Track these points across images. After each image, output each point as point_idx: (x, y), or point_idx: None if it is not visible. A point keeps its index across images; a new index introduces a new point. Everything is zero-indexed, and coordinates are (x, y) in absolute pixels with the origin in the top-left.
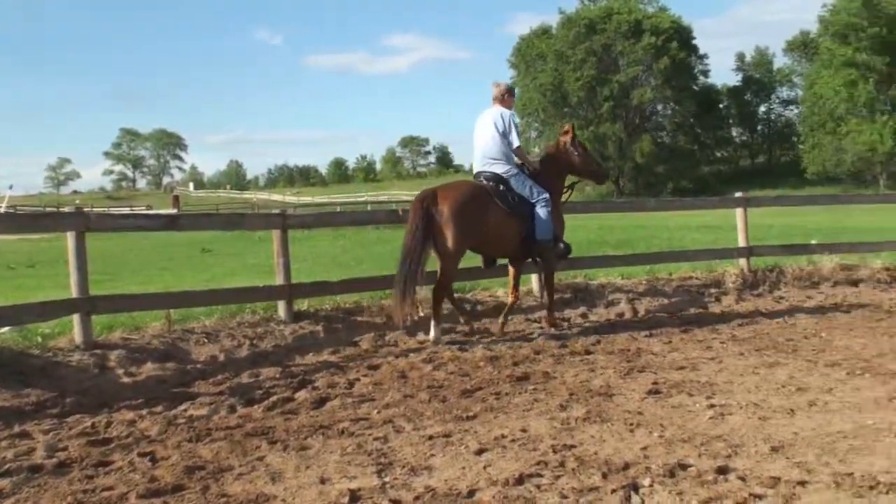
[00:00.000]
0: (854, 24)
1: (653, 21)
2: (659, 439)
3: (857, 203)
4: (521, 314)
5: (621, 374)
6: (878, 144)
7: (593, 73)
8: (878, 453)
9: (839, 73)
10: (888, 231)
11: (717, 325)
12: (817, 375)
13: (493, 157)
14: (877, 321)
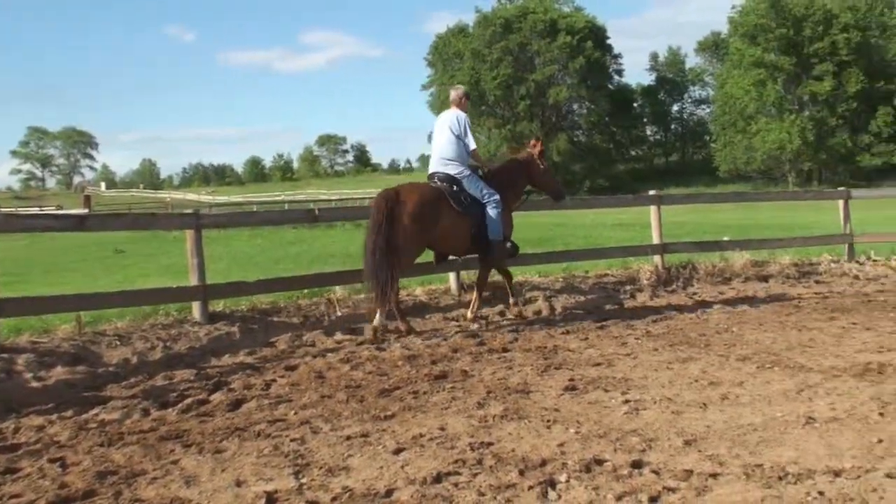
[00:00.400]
0: (762, 25)
1: (568, 21)
2: (575, 435)
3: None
4: (438, 312)
5: (538, 371)
6: (787, 143)
7: (510, 72)
8: (786, 445)
9: (749, 73)
10: (796, 227)
11: (632, 321)
12: (729, 369)
13: (449, 158)
14: (786, 315)
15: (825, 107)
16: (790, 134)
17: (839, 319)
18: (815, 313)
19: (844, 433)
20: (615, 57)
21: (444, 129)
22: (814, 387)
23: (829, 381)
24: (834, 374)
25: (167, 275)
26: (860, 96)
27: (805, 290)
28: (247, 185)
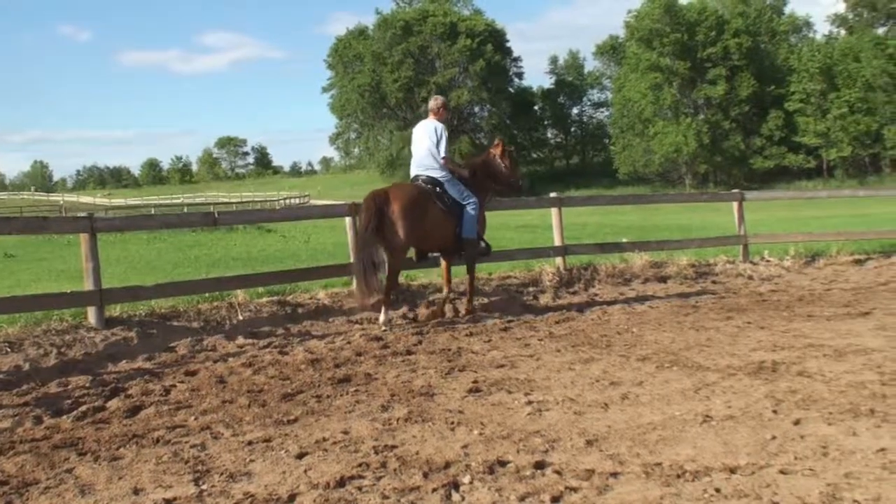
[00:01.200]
0: (657, 29)
1: (468, 24)
2: (479, 437)
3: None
4: (342, 315)
5: (442, 373)
6: (683, 145)
7: (411, 75)
8: (684, 443)
9: (645, 77)
10: (694, 229)
11: (535, 322)
12: (629, 370)
13: (429, 164)
14: (684, 316)
15: (719, 110)
16: (686, 137)
17: (735, 319)
18: (711, 313)
19: (740, 430)
20: (515, 60)
21: (424, 138)
22: (711, 385)
23: (726, 379)
24: (730, 372)
25: (61, 279)
26: (752, 100)
27: (702, 290)
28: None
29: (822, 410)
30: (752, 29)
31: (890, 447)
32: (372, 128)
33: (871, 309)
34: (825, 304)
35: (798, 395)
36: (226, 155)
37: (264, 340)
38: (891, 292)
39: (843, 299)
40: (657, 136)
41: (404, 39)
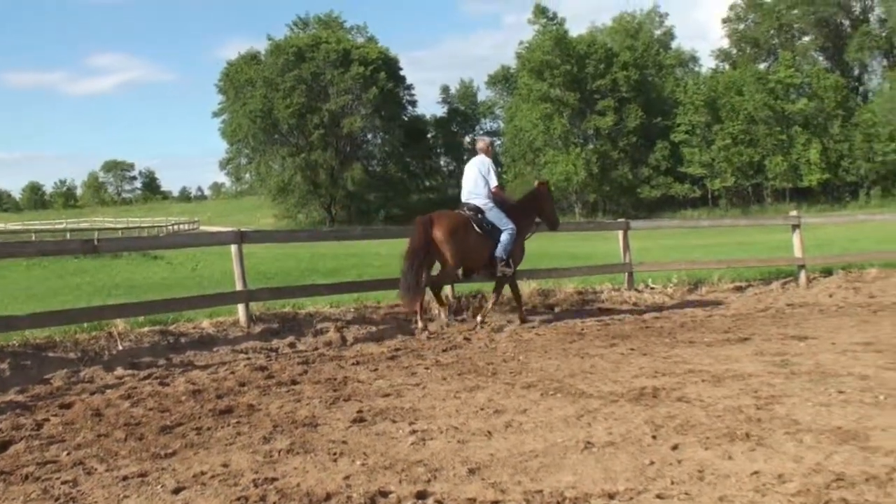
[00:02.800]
0: (548, 61)
1: (361, 51)
2: (362, 467)
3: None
4: (227, 345)
5: (327, 403)
6: (573, 174)
7: (303, 101)
8: (565, 470)
9: (536, 107)
10: (583, 256)
11: (422, 351)
12: (514, 397)
13: (476, 193)
14: (570, 343)
15: (608, 140)
16: (576, 166)
17: (619, 346)
18: (597, 340)
19: (619, 456)
20: (408, 88)
21: (474, 170)
22: (593, 412)
23: (608, 406)
24: (612, 399)
25: None
26: (640, 131)
27: (588, 318)
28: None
29: (699, 435)
30: (639, 62)
31: (763, 470)
32: (263, 153)
33: (750, 335)
34: (706, 331)
35: (677, 420)
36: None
37: (145, 371)
38: (769, 318)
39: (723, 326)
40: (548, 164)
41: (297, 66)
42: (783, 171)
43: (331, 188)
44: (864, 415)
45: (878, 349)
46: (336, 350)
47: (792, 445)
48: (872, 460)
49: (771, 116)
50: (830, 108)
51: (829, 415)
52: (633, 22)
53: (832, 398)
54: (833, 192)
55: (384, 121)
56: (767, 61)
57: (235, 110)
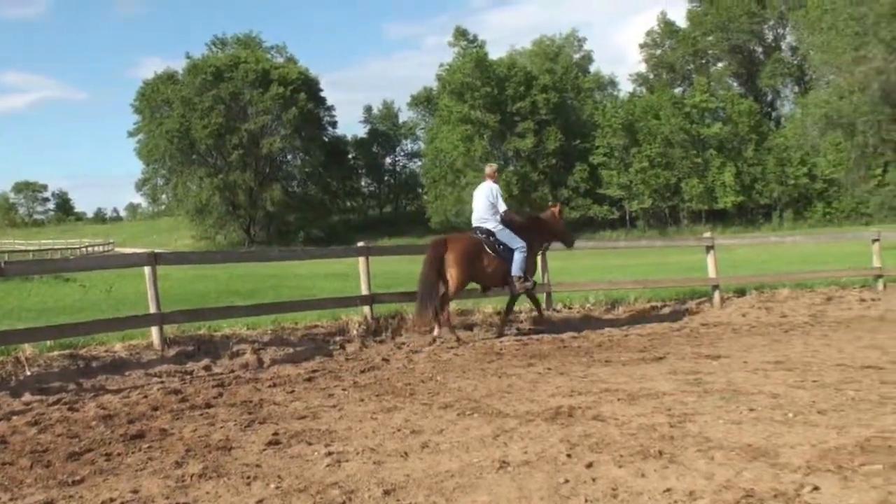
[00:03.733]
0: (468, 83)
1: (281, 72)
2: (276, 491)
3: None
4: (140, 369)
5: (242, 426)
6: None
7: (221, 121)
8: (480, 490)
9: (457, 129)
10: None
11: (340, 372)
12: (431, 418)
13: (486, 217)
14: (488, 363)
15: (528, 162)
16: None
17: (536, 365)
18: (514, 360)
19: (534, 475)
20: (329, 109)
21: (482, 196)
22: (509, 431)
23: (524, 425)
24: (528, 418)
25: None
26: (559, 153)
27: (507, 338)
28: None
29: (613, 453)
30: (559, 85)
31: (675, 487)
32: (181, 174)
33: (664, 354)
34: (622, 350)
35: (592, 438)
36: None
37: (54, 396)
38: (684, 338)
39: (639, 345)
40: (468, 186)
41: (215, 85)
42: (699, 193)
43: (250, 209)
44: (773, 432)
45: (788, 368)
46: (252, 372)
47: (703, 463)
48: (781, 476)
49: (687, 140)
50: (744, 132)
51: (740, 432)
52: (552, 46)
53: (743, 416)
54: (747, 215)
55: (304, 141)
56: (683, 86)
57: (151, 130)
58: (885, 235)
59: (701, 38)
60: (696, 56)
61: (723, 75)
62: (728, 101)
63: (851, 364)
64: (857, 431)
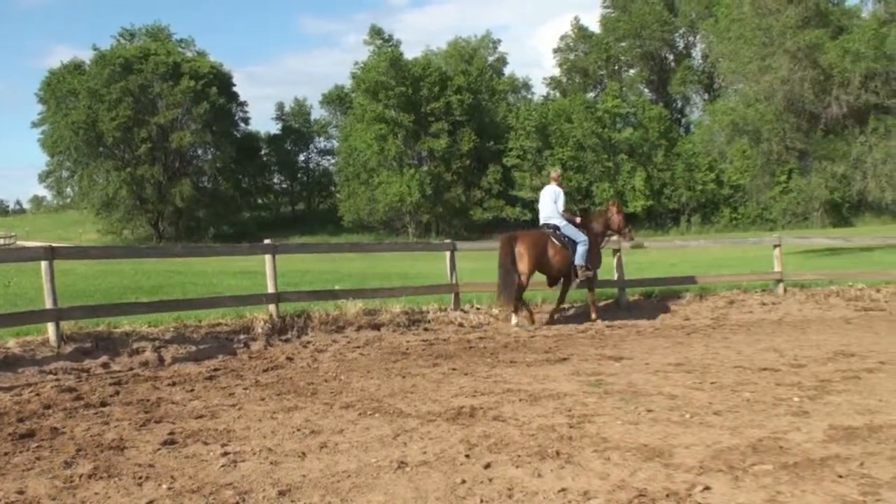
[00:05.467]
0: (383, 82)
1: (192, 65)
2: (168, 492)
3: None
4: (34, 366)
5: (137, 425)
6: (407, 196)
7: (130, 114)
8: (377, 490)
9: (371, 128)
10: (412, 276)
11: (242, 371)
12: (332, 417)
13: (552, 215)
14: (393, 362)
15: (442, 163)
16: (410, 187)
17: (441, 366)
18: (420, 360)
19: (432, 476)
20: (241, 104)
21: (548, 198)
22: (409, 432)
23: (425, 425)
24: (430, 418)
25: None
26: (473, 154)
27: (414, 337)
28: None
29: (511, 454)
30: (473, 87)
31: (571, 487)
32: (87, 167)
33: (568, 355)
34: (528, 351)
35: (491, 439)
36: None
37: None
38: (588, 339)
39: (544, 346)
40: (381, 185)
41: (124, 77)
42: (610, 196)
43: (158, 204)
44: (669, 433)
45: (688, 370)
46: (152, 370)
47: (599, 463)
48: (674, 476)
49: (598, 144)
50: (654, 137)
51: (637, 433)
52: (467, 47)
53: (641, 417)
54: (656, 219)
55: (215, 136)
56: (596, 91)
57: (57, 121)
58: (786, 241)
59: (614, 44)
60: (609, 62)
61: (634, 81)
62: (639, 106)
63: (749, 366)
64: (750, 432)
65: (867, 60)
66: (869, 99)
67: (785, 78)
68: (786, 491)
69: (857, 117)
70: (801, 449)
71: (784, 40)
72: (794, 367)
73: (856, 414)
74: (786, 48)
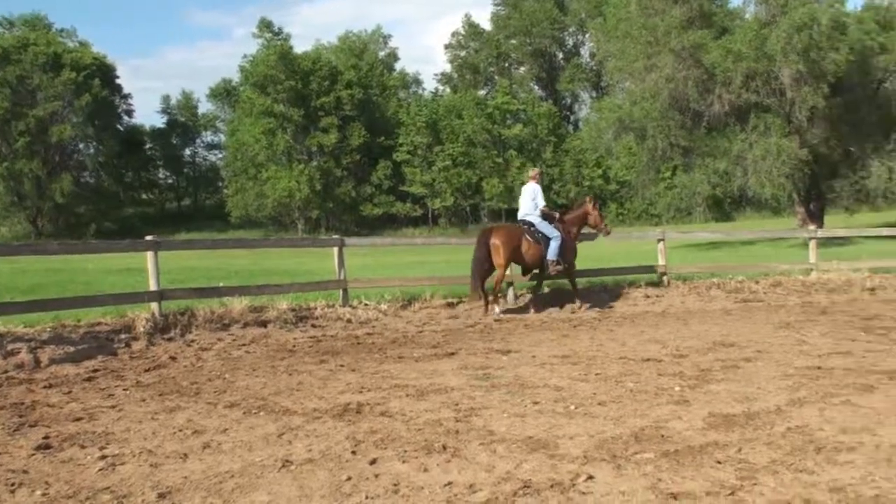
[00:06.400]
0: (272, 76)
1: (73, 56)
2: (42, 498)
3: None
4: None
5: (10, 430)
6: (296, 191)
7: (7, 106)
8: (260, 489)
9: (259, 122)
10: (300, 273)
11: (123, 371)
12: (216, 417)
13: (529, 212)
14: (280, 360)
15: (331, 158)
16: (299, 182)
17: (329, 362)
18: (307, 357)
19: (317, 473)
20: (125, 97)
21: (528, 195)
22: (295, 429)
23: (311, 423)
24: (316, 415)
25: None
26: (363, 149)
27: (301, 334)
28: None
29: (398, 449)
30: (364, 82)
31: (456, 481)
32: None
33: (457, 349)
34: (416, 346)
35: (378, 434)
36: None
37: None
38: (477, 333)
39: (432, 341)
40: (270, 180)
41: (1, 68)
42: (499, 192)
43: (37, 200)
44: (555, 424)
45: (573, 362)
46: (27, 372)
47: (485, 456)
48: (559, 467)
49: (489, 140)
50: (544, 134)
51: (522, 425)
52: (358, 42)
53: (527, 409)
54: None
55: (98, 130)
56: (486, 87)
57: None
58: (670, 235)
59: (504, 42)
60: (500, 59)
61: (524, 78)
62: (529, 103)
63: (633, 357)
64: (633, 422)
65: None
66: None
67: (670, 77)
68: (666, 478)
69: (738, 115)
70: (681, 437)
71: (669, 40)
72: (676, 357)
73: (734, 402)
74: (671, 47)
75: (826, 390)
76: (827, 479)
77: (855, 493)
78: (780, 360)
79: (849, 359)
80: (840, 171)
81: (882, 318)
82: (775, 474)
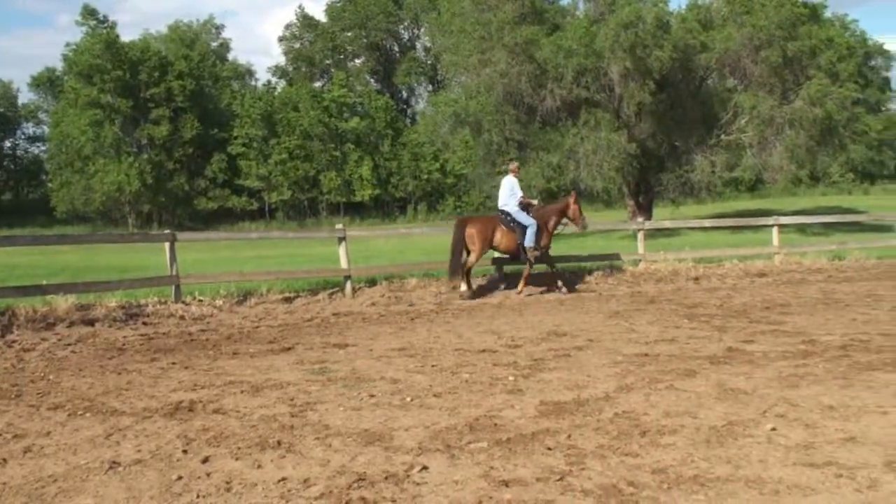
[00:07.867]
0: (98, 65)
1: None
2: None
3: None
4: None
5: None
6: (126, 185)
7: None
8: (86, 493)
9: (85, 113)
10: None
11: None
12: (38, 420)
13: (507, 202)
14: (108, 359)
15: (163, 150)
16: (129, 176)
17: (160, 360)
18: (137, 355)
19: (147, 474)
20: None
21: (506, 187)
22: (123, 430)
23: (140, 423)
24: (146, 415)
25: None
26: (196, 142)
27: (131, 332)
28: None
29: (231, 446)
30: (195, 72)
31: (291, 476)
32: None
33: (293, 344)
34: (251, 342)
35: (210, 432)
36: None
37: None
38: (314, 328)
39: (269, 336)
40: (98, 174)
41: None
42: (337, 186)
43: None
44: (390, 416)
45: (410, 354)
46: None
47: (320, 450)
48: (394, 459)
49: (326, 133)
50: (381, 127)
51: (358, 418)
52: (189, 32)
53: (363, 402)
54: (384, 207)
55: None
56: (323, 80)
57: None
58: None
59: (339, 34)
60: (335, 51)
61: (361, 71)
62: (366, 96)
63: (469, 349)
64: (467, 412)
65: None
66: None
67: (503, 71)
68: (499, 466)
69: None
70: (514, 425)
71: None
72: (510, 347)
73: (565, 389)
74: (504, 43)
75: (652, 376)
76: (650, 461)
77: (676, 474)
78: (609, 348)
79: (673, 345)
80: (667, 164)
81: (705, 306)
82: (602, 458)
